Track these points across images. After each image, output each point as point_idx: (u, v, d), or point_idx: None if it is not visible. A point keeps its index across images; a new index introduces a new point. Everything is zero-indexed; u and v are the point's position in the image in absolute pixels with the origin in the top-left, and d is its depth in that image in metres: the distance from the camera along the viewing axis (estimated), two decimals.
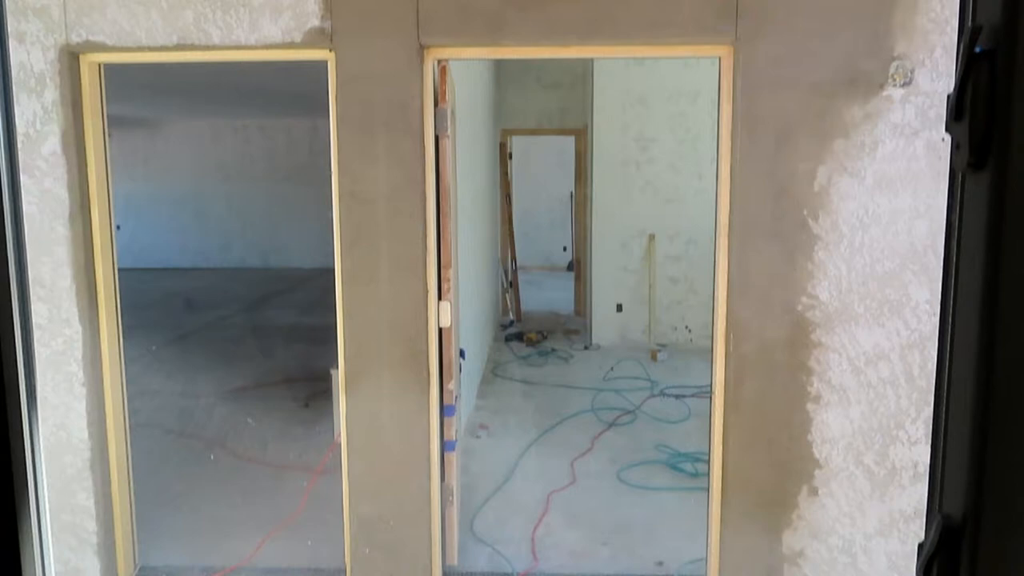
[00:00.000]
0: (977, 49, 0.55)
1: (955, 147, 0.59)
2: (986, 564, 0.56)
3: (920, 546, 0.61)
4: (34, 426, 0.70)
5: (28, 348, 0.69)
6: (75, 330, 2.92)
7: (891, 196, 2.70)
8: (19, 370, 0.66)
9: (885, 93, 2.68)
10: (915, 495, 2.81)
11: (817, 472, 2.81)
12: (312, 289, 10.01)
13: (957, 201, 0.59)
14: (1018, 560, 0.56)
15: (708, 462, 2.98)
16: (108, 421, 3.03)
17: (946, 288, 0.59)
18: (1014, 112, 0.54)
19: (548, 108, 8.20)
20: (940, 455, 0.59)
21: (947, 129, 0.59)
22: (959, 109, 0.57)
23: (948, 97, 0.58)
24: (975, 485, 0.55)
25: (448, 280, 2.96)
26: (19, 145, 2.80)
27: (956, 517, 0.57)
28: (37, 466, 0.69)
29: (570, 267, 10.12)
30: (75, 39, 2.78)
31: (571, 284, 8.93)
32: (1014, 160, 0.54)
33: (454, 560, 3.15)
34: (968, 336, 0.56)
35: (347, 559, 3.01)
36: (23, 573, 0.66)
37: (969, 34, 0.56)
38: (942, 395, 0.59)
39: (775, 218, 2.74)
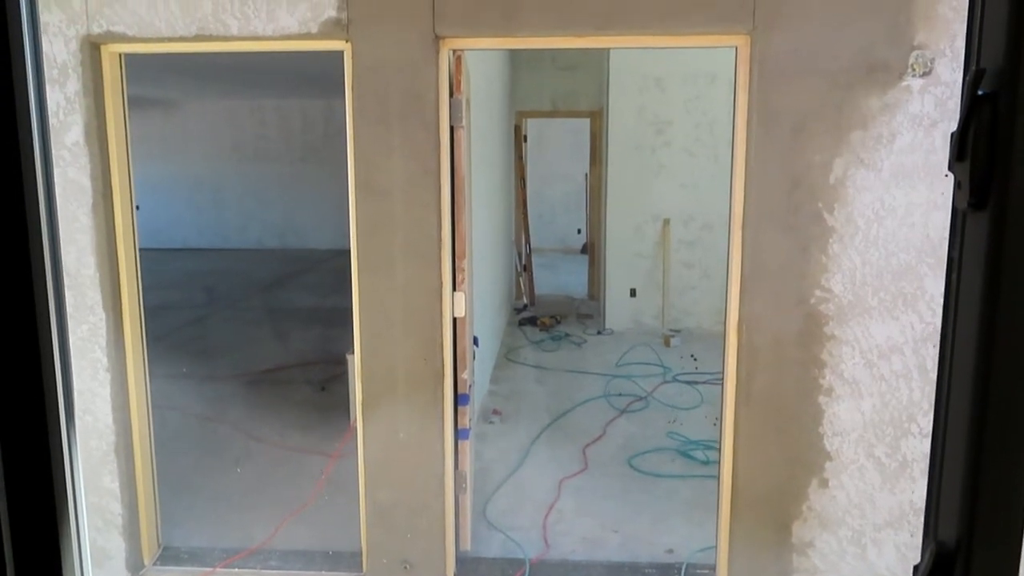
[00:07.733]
0: (980, 92, 0.57)
1: (957, 186, 0.60)
2: None
3: (915, 568, 0.63)
4: (71, 416, 0.72)
5: (63, 339, 0.71)
6: (99, 317, 2.98)
7: (908, 188, 2.69)
8: (56, 362, 0.69)
9: (904, 83, 2.65)
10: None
11: (828, 464, 2.83)
12: (328, 271, 10.07)
13: (958, 238, 0.60)
14: None
15: (719, 451, 3.01)
16: (132, 406, 3.10)
17: (945, 322, 0.61)
18: (1014, 155, 0.55)
19: (564, 90, 8.15)
20: (936, 485, 0.61)
21: (950, 168, 0.61)
22: (961, 149, 0.58)
23: (951, 136, 0.60)
24: (967, 515, 0.58)
25: (463, 271, 2.99)
26: None
27: (949, 544, 0.59)
28: (74, 455, 0.72)
29: (584, 249, 10.11)
30: (96, 30, 2.81)
31: (585, 267, 8.93)
32: (1013, 202, 0.55)
33: (467, 545, 3.21)
34: (964, 371, 0.58)
35: (363, 543, 3.07)
36: (62, 554, 0.70)
37: (973, 76, 0.57)
38: (939, 428, 0.61)
39: (790, 210, 2.74)
